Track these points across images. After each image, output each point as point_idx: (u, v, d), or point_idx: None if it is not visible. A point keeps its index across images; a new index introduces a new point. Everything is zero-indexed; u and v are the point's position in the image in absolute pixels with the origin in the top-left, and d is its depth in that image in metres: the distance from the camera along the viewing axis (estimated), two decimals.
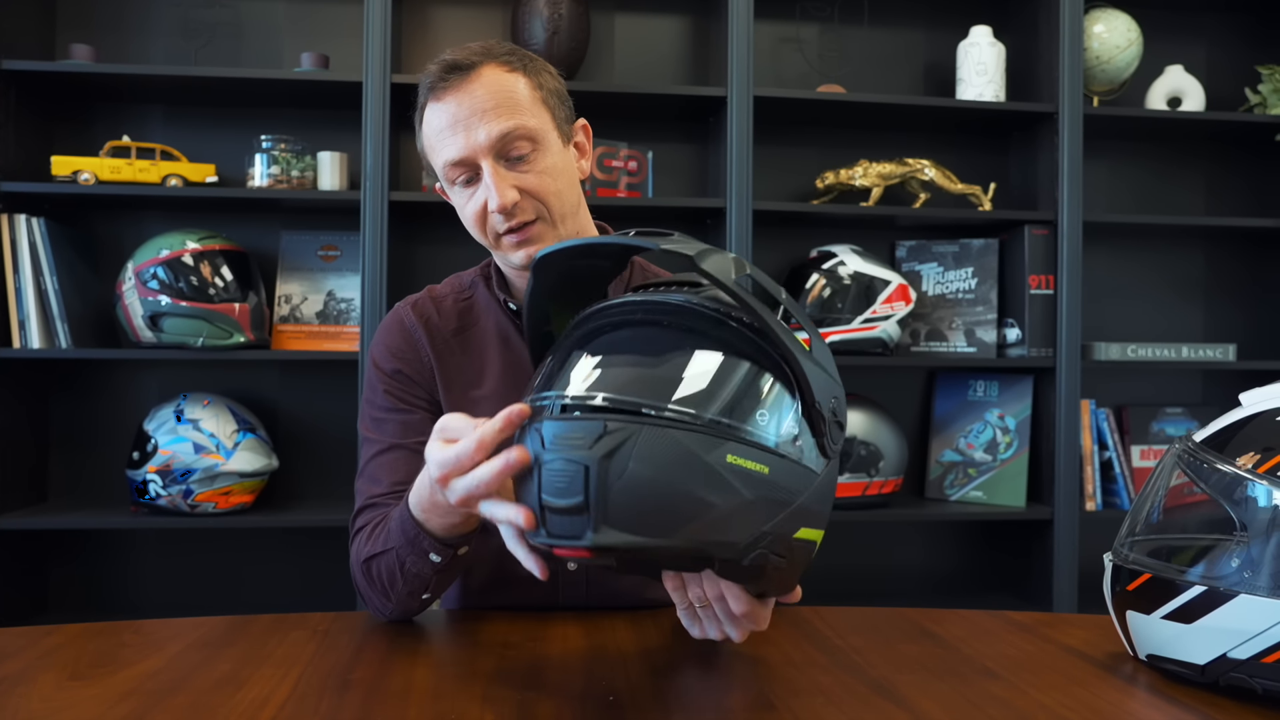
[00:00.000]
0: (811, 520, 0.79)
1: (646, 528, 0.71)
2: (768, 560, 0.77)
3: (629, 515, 0.71)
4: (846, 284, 2.35)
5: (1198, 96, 2.53)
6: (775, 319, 0.76)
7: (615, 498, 0.71)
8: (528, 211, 1.10)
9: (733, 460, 0.72)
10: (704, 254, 0.78)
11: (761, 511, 0.74)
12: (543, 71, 1.14)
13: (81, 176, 2.13)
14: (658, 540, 0.72)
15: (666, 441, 0.71)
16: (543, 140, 1.10)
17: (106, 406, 2.36)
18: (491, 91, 1.08)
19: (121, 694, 0.83)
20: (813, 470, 0.77)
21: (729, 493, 0.72)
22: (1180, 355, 2.47)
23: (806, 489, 0.77)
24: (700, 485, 0.71)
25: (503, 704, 0.81)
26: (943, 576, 2.62)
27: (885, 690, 0.86)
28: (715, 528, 0.72)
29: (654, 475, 0.71)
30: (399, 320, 1.21)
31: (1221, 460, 0.86)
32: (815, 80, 2.53)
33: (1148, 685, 0.88)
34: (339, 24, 2.42)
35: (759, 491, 0.74)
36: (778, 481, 0.75)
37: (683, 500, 0.71)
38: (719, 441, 0.72)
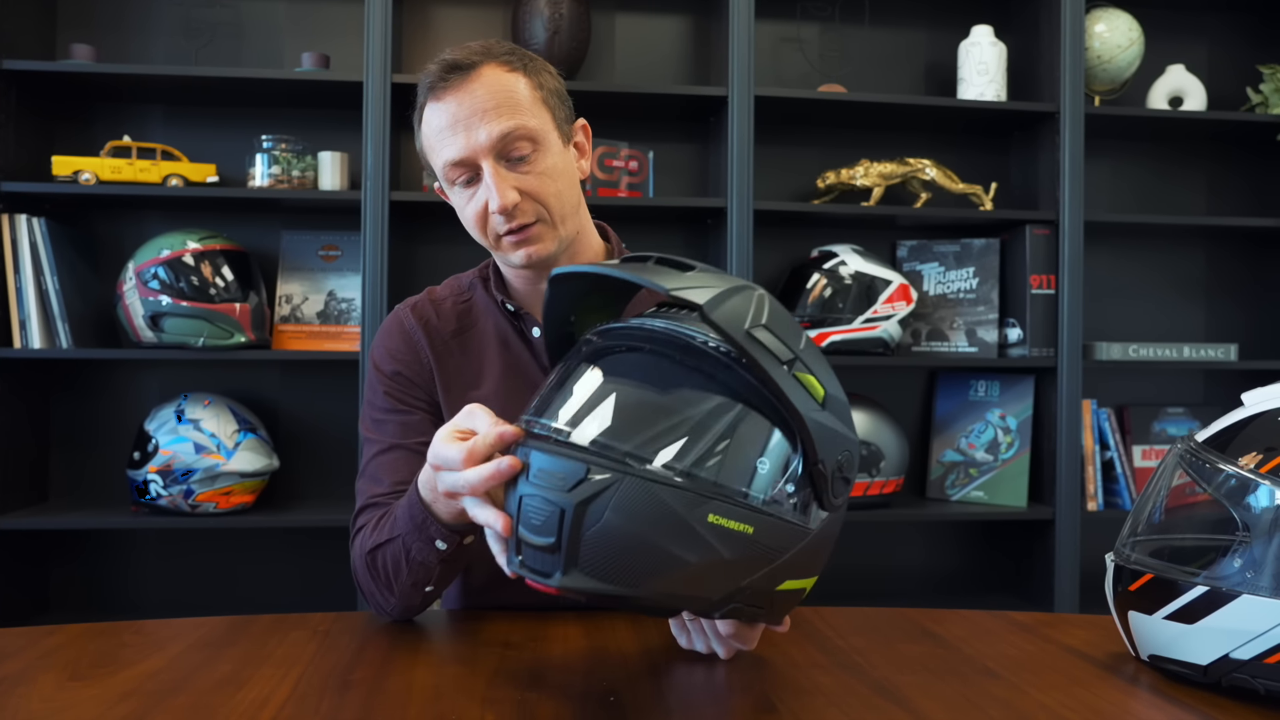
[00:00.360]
0: (798, 572, 0.78)
1: (615, 577, 0.71)
2: (741, 612, 0.77)
3: (599, 563, 0.71)
4: (847, 284, 2.35)
5: (1199, 96, 2.53)
6: (785, 373, 0.73)
7: (587, 544, 0.71)
8: (528, 213, 1.10)
9: (714, 520, 0.71)
10: (717, 300, 0.74)
11: (740, 569, 0.73)
12: (543, 71, 1.14)
13: (82, 176, 2.13)
14: (625, 590, 0.71)
15: (646, 495, 0.70)
16: (543, 140, 1.10)
17: (107, 406, 2.36)
18: (492, 91, 1.08)
19: (122, 694, 0.83)
20: (805, 527, 0.76)
21: (705, 551, 0.71)
22: (1181, 355, 2.47)
23: (795, 545, 0.75)
24: (675, 542, 0.71)
25: (503, 704, 0.81)
26: (944, 576, 2.62)
27: (886, 691, 0.86)
28: (687, 583, 0.72)
29: (628, 527, 0.70)
30: (399, 322, 1.21)
31: (1224, 460, 0.86)
32: (816, 80, 2.53)
33: (1149, 686, 0.88)
34: (339, 24, 2.42)
35: (738, 551, 0.72)
36: (761, 540, 0.73)
37: (655, 555, 0.71)
38: (702, 500, 0.71)
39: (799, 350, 0.75)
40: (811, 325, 2.34)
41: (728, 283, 0.77)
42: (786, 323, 0.76)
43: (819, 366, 0.77)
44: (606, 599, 0.73)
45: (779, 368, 0.73)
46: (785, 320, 0.77)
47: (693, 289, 0.75)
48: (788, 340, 0.75)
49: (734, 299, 0.75)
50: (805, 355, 0.76)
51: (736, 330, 0.73)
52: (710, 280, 0.77)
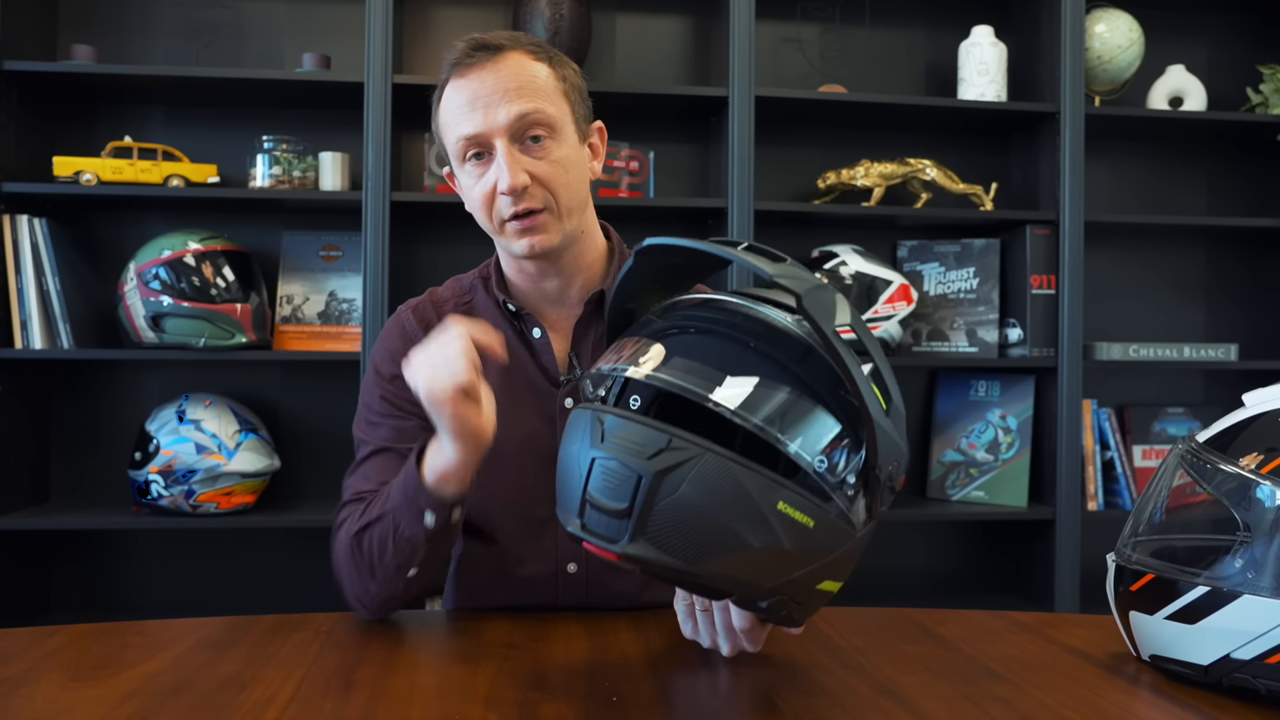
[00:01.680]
0: (837, 573, 0.78)
1: (679, 551, 0.71)
2: (785, 605, 0.77)
3: (666, 534, 0.71)
4: (848, 284, 2.35)
5: (1199, 96, 2.53)
6: (864, 374, 0.73)
7: (658, 514, 0.71)
8: (535, 199, 1.10)
9: (783, 508, 0.72)
10: (814, 293, 0.74)
11: (794, 561, 0.74)
12: (568, 66, 1.15)
13: (83, 177, 2.13)
14: (686, 565, 0.72)
15: (725, 474, 0.70)
16: (559, 130, 1.11)
17: (108, 407, 2.36)
18: (515, 74, 1.09)
19: (125, 694, 0.83)
20: (854, 530, 0.76)
21: (769, 537, 0.72)
22: (1182, 355, 2.47)
23: (843, 546, 0.76)
24: (743, 524, 0.71)
25: (506, 705, 0.81)
26: (944, 576, 2.62)
27: (888, 691, 0.86)
28: (746, 567, 0.73)
29: (703, 503, 0.70)
30: (399, 324, 1.22)
31: (1225, 461, 0.86)
32: (816, 80, 2.53)
33: (1151, 686, 0.88)
34: (340, 24, 2.42)
35: (799, 542, 0.73)
36: (819, 536, 0.74)
37: (722, 534, 0.71)
38: (776, 487, 0.72)
39: (876, 356, 0.77)
40: None
41: (817, 280, 0.78)
42: (866, 327, 0.78)
43: (888, 374, 0.77)
44: (662, 571, 0.73)
45: (859, 368, 0.73)
46: (865, 325, 0.78)
47: (791, 278, 0.75)
48: (869, 344, 0.76)
49: (827, 294, 0.75)
50: (879, 360, 0.77)
51: (828, 324, 0.73)
52: (803, 274, 0.77)
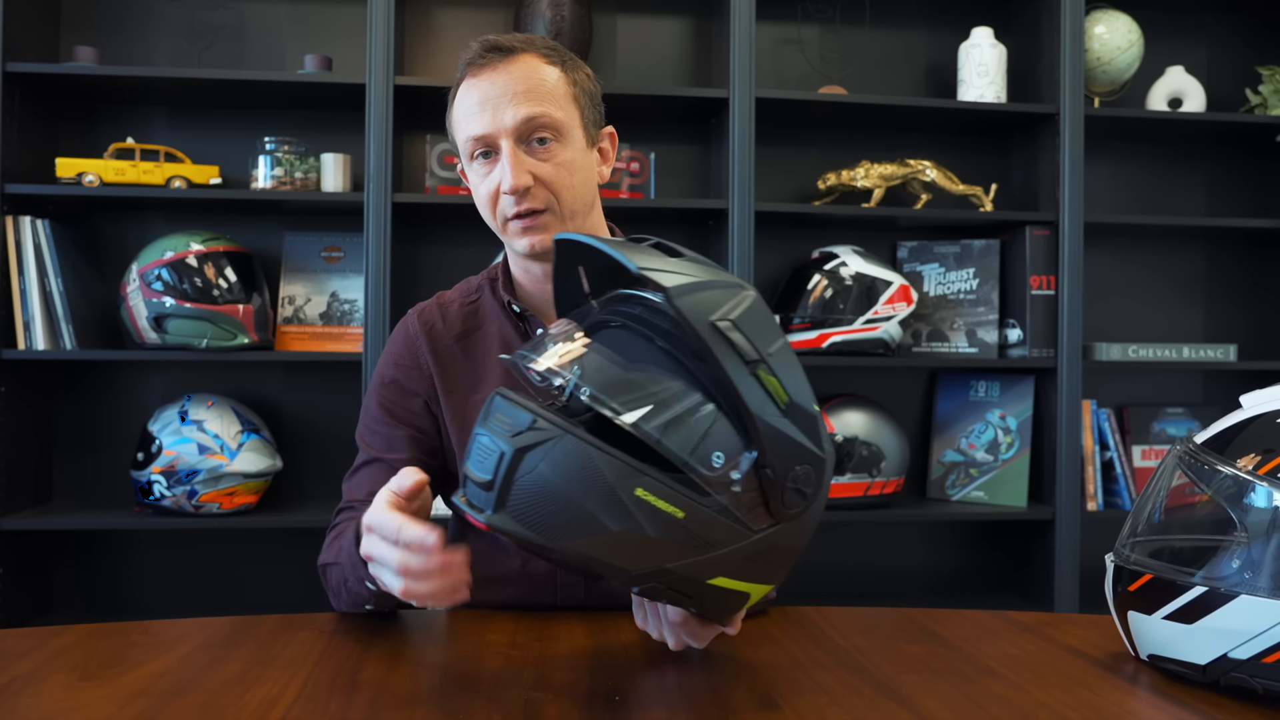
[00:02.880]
0: (738, 573, 0.78)
1: (538, 527, 0.74)
2: (661, 593, 0.78)
3: (525, 510, 0.74)
4: (848, 285, 2.36)
5: (1198, 97, 2.54)
6: (744, 370, 0.74)
7: (517, 489, 0.74)
8: (538, 199, 1.12)
9: (642, 494, 0.73)
10: (687, 288, 0.76)
11: (664, 550, 0.75)
12: (580, 70, 1.16)
13: (86, 178, 2.14)
14: (546, 541, 0.74)
15: (581, 455, 0.73)
16: (566, 133, 1.12)
17: (111, 408, 2.36)
18: (525, 76, 1.11)
19: (132, 694, 0.84)
20: (748, 528, 0.76)
21: (628, 523, 0.73)
22: (1181, 356, 2.48)
23: (732, 543, 0.76)
24: (599, 507, 0.73)
25: (509, 704, 0.82)
26: (944, 576, 2.63)
27: (889, 690, 0.87)
28: (605, 550, 0.74)
29: (557, 482, 0.73)
30: (405, 329, 1.24)
31: (1222, 462, 0.87)
32: (817, 81, 2.53)
33: (1149, 685, 0.89)
34: (342, 26, 2.42)
35: (665, 532, 0.74)
36: (691, 528, 0.74)
37: (577, 515, 0.73)
38: (634, 473, 0.73)
39: (768, 353, 0.76)
40: (812, 326, 2.35)
41: (712, 275, 0.79)
42: (762, 325, 0.77)
43: (789, 374, 0.77)
44: (528, 546, 0.76)
45: (738, 364, 0.74)
46: (761, 322, 0.77)
47: (664, 273, 0.77)
48: (756, 340, 0.76)
49: (709, 291, 0.76)
50: (776, 360, 0.76)
51: (699, 319, 0.74)
52: (691, 270, 0.78)
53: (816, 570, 2.54)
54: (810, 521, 0.81)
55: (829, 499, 0.84)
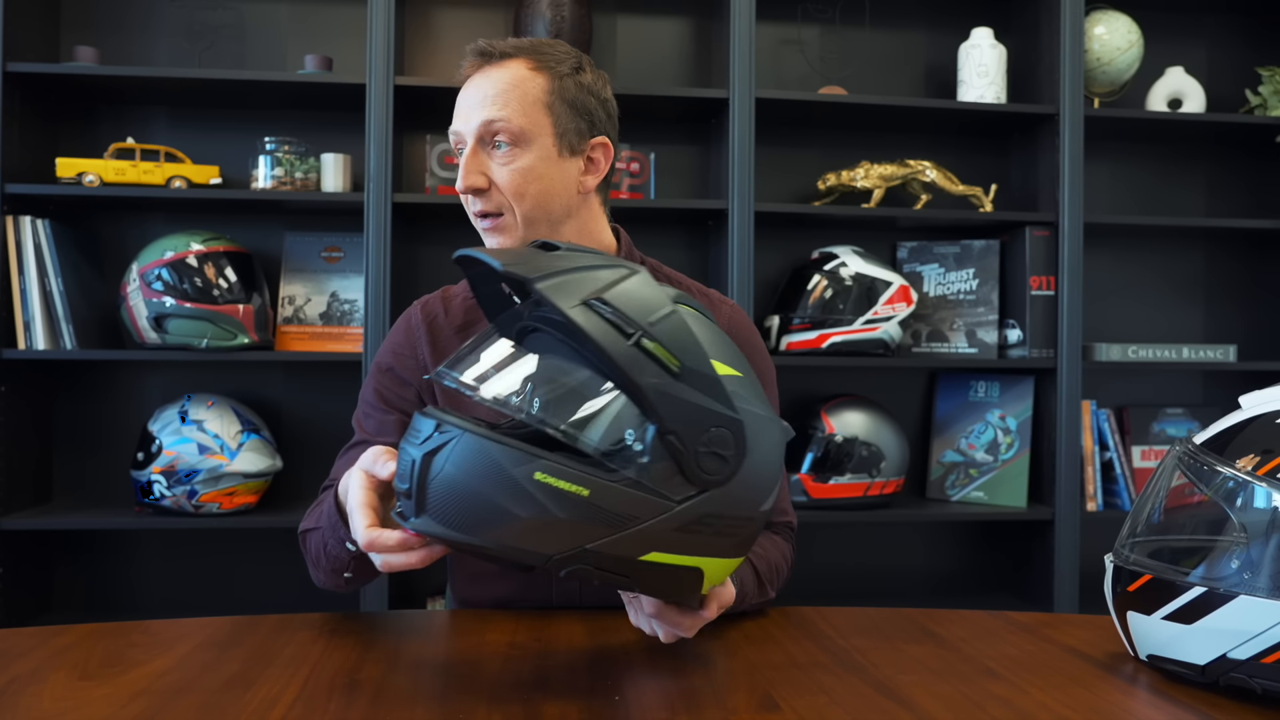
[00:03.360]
0: (672, 546, 0.79)
1: (458, 525, 0.77)
2: (595, 575, 0.79)
3: (443, 511, 0.78)
4: (848, 285, 2.36)
5: (1198, 98, 2.54)
6: (624, 343, 0.77)
7: (432, 493, 0.78)
8: (491, 203, 1.16)
9: (541, 478, 0.75)
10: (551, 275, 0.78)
11: (580, 531, 0.76)
12: (572, 80, 1.17)
13: (86, 178, 2.14)
14: (466, 538, 0.77)
15: (479, 450, 0.76)
16: (527, 140, 1.14)
17: (111, 408, 2.36)
18: (498, 83, 1.15)
19: (132, 694, 0.84)
20: (666, 499, 0.78)
21: (535, 508, 0.76)
22: (1181, 356, 2.48)
23: (654, 515, 0.77)
24: (504, 496, 0.76)
25: (509, 704, 0.82)
26: (944, 577, 2.63)
27: (888, 690, 0.87)
28: (520, 536, 0.77)
29: (463, 480, 0.77)
30: (408, 319, 1.27)
31: (1221, 462, 0.87)
32: (817, 82, 2.54)
33: (1148, 685, 0.89)
34: (342, 26, 2.43)
35: (574, 512, 0.76)
36: (600, 504, 0.76)
37: (487, 507, 0.76)
38: (530, 458, 0.76)
39: (648, 323, 0.78)
40: (812, 326, 2.35)
41: (590, 262, 0.81)
42: (641, 298, 0.80)
43: (679, 341, 0.79)
44: (456, 546, 0.79)
45: (616, 337, 0.77)
46: (640, 295, 0.80)
47: (527, 265, 0.80)
48: (633, 312, 0.78)
49: (578, 274, 0.80)
50: (661, 329, 0.78)
51: (565, 301, 0.77)
52: (565, 261, 0.81)
53: (816, 570, 2.54)
54: (746, 485, 0.81)
55: (830, 499, 0.85)
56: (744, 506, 0.82)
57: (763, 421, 0.82)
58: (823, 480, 2.32)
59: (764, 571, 1.12)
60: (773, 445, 0.84)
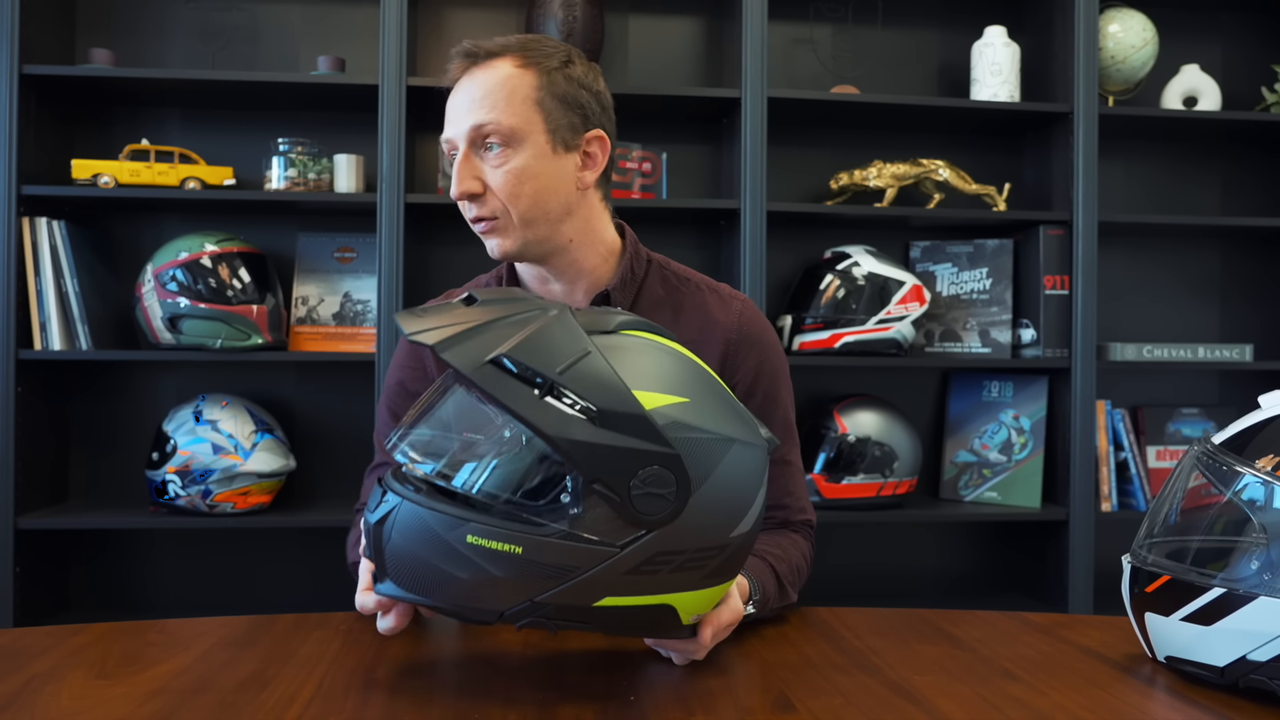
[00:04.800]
0: (627, 589, 0.78)
1: (415, 587, 0.80)
2: (553, 625, 0.79)
3: (400, 575, 0.80)
4: (861, 285, 2.35)
5: (1214, 96, 2.52)
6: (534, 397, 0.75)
7: (389, 559, 0.81)
8: (487, 207, 1.13)
9: (474, 540, 0.76)
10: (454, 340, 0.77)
11: (525, 586, 0.77)
12: (562, 75, 1.14)
13: (101, 180, 2.15)
14: (425, 599, 0.80)
15: (416, 518, 0.78)
16: (519, 141, 1.11)
17: (126, 407, 2.38)
18: (483, 83, 1.12)
19: (149, 692, 0.85)
20: (608, 545, 0.77)
21: (473, 569, 0.77)
22: (1196, 356, 2.46)
23: (599, 563, 0.77)
24: (445, 560, 0.77)
25: (524, 704, 0.82)
26: (957, 577, 2.62)
27: (904, 691, 0.87)
28: (468, 595, 0.78)
29: (407, 546, 0.79)
30: None
31: (1241, 463, 0.86)
32: (829, 81, 2.53)
33: (1166, 687, 0.89)
34: (355, 27, 2.43)
35: (513, 570, 0.77)
36: (536, 559, 0.76)
37: (431, 571, 0.78)
38: (460, 522, 0.77)
39: (558, 372, 0.76)
40: (825, 326, 2.34)
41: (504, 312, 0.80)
42: (549, 346, 0.77)
43: (592, 385, 0.76)
44: (420, 605, 0.82)
45: (525, 394, 0.76)
46: (548, 344, 0.77)
47: (437, 330, 0.78)
48: (541, 365, 0.76)
49: (482, 334, 0.78)
50: (572, 376, 0.76)
51: (470, 366, 0.76)
52: (476, 315, 0.80)
53: (829, 571, 2.54)
54: (703, 515, 0.79)
55: (843, 499, 0.84)
56: (705, 537, 0.80)
57: (718, 444, 0.80)
58: (835, 480, 2.32)
59: (785, 574, 1.10)
60: (738, 466, 0.81)
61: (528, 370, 0.76)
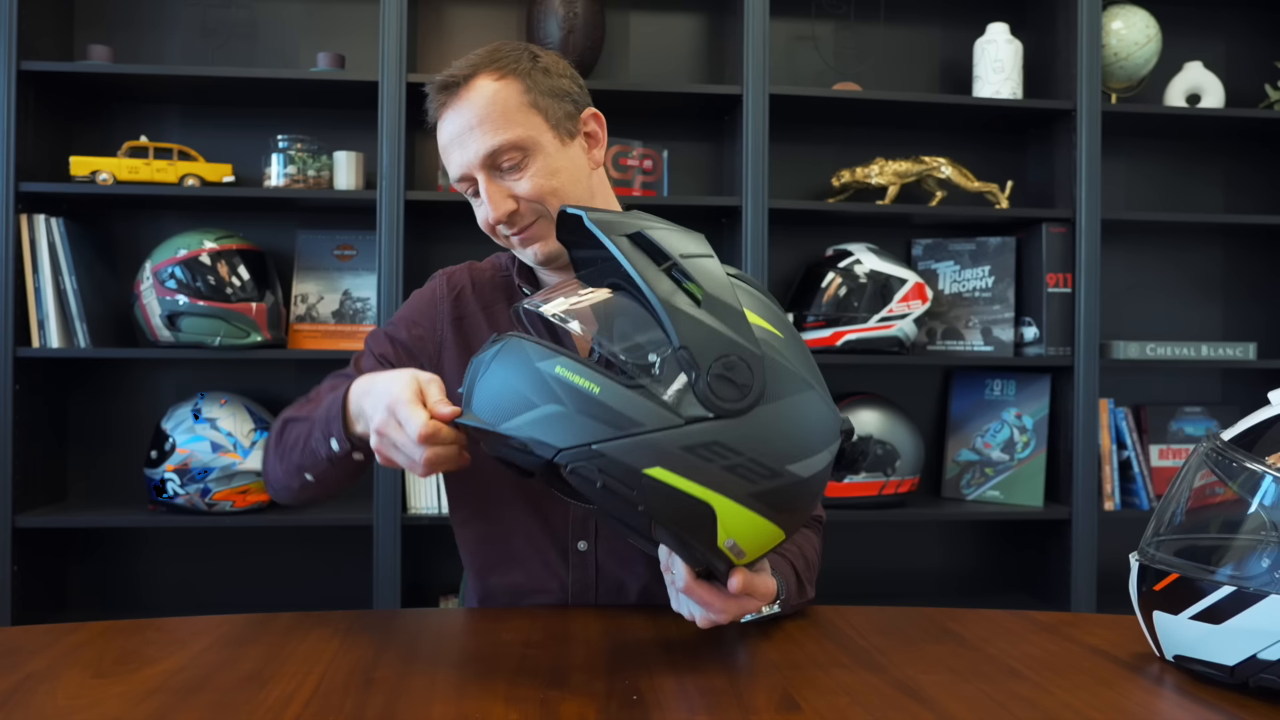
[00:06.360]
0: (678, 466, 0.80)
1: (490, 414, 0.85)
2: (594, 477, 0.81)
3: (483, 403, 0.86)
4: (863, 282, 2.34)
5: (1217, 93, 2.51)
6: (657, 269, 0.83)
7: (479, 389, 0.87)
8: (526, 216, 1.15)
9: (560, 371, 0.82)
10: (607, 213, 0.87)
11: (586, 427, 0.80)
12: (539, 72, 1.16)
13: (100, 176, 2.14)
14: (493, 425, 0.84)
15: (519, 349, 0.85)
16: (533, 146, 1.13)
17: (124, 406, 2.37)
18: (477, 107, 1.13)
19: (146, 691, 0.84)
20: (673, 412, 0.80)
21: (550, 398, 0.82)
22: (1199, 354, 2.45)
23: (660, 426, 0.80)
24: (528, 387, 0.83)
25: (526, 703, 0.81)
26: (960, 576, 2.61)
27: (910, 690, 0.86)
28: (535, 427, 0.82)
29: (501, 373, 0.85)
30: (431, 292, 1.28)
31: (1250, 459, 0.85)
32: (831, 78, 2.52)
33: (1175, 686, 0.88)
34: (355, 24, 2.42)
35: (584, 407, 0.80)
36: (608, 403, 0.80)
37: (512, 396, 0.84)
38: (554, 354, 0.83)
39: (682, 255, 0.85)
40: (827, 324, 2.33)
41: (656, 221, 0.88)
42: (682, 241, 0.86)
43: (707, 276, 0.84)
44: (485, 436, 0.87)
45: (648, 263, 0.84)
46: (682, 239, 0.86)
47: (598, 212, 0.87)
48: (668, 247, 0.85)
49: (629, 218, 0.87)
50: (692, 264, 0.84)
51: (611, 229, 0.85)
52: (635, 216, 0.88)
53: (830, 570, 2.52)
54: (766, 428, 0.82)
55: (845, 498, 0.85)
56: (764, 453, 0.82)
57: (798, 380, 0.84)
58: (837, 479, 2.31)
59: (802, 570, 1.11)
60: (810, 409, 0.85)
61: (657, 250, 0.85)
